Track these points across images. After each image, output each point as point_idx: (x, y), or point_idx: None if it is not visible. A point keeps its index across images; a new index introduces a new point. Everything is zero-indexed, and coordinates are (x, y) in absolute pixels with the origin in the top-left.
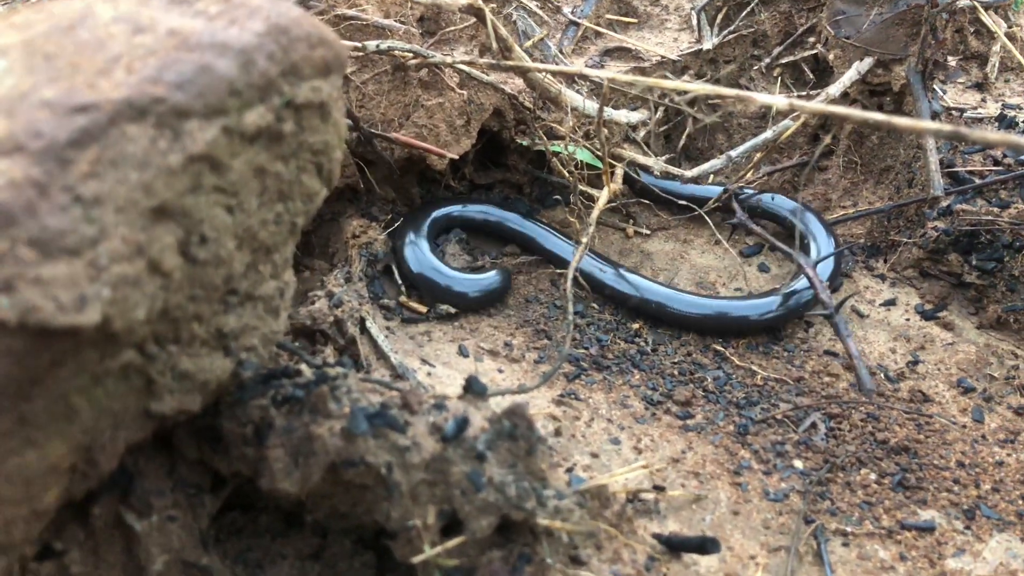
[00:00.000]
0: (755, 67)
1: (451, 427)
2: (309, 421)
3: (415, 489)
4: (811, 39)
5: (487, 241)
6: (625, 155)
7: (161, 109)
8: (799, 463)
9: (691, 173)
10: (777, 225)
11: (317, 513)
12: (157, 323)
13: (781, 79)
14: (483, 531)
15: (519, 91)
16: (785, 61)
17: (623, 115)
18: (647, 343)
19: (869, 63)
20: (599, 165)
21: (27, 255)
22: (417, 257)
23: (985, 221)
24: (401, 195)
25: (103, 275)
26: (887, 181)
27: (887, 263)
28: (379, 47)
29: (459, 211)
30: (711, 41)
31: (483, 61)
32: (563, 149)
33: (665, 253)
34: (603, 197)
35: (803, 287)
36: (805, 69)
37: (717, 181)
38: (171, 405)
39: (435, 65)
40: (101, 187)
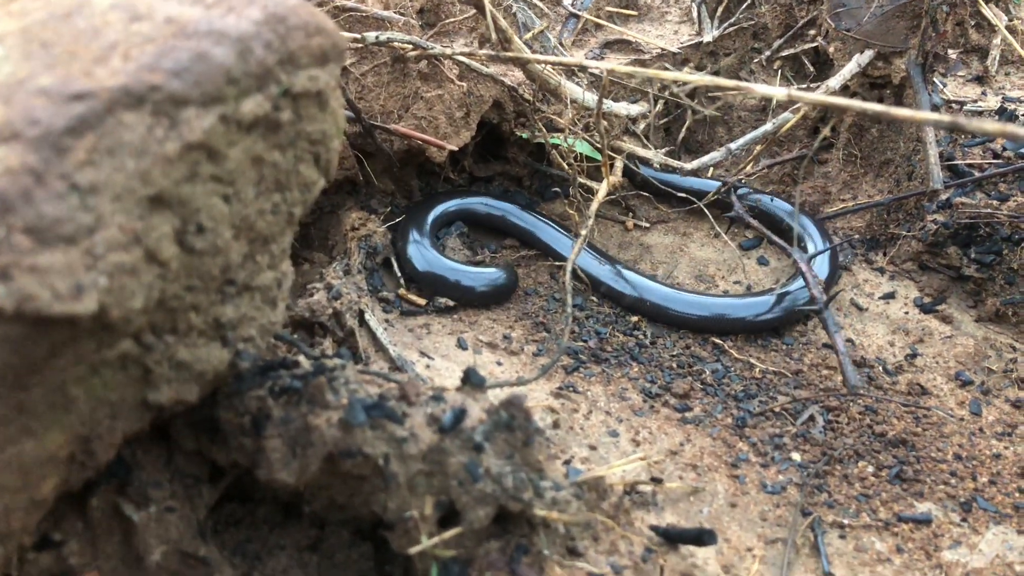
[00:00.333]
0: (755, 60)
1: (448, 418)
2: (307, 412)
3: (412, 480)
4: (811, 32)
5: (487, 235)
6: (625, 148)
7: (158, 97)
8: (797, 456)
9: (691, 166)
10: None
11: (315, 504)
12: (154, 313)
13: (781, 72)
14: (480, 522)
15: (519, 83)
16: (785, 54)
17: (623, 107)
18: (646, 336)
19: (869, 56)
20: (599, 158)
21: (23, 243)
22: (422, 254)
23: (984, 214)
24: (400, 187)
25: (100, 264)
26: (887, 174)
27: (886, 256)
28: (378, 38)
29: (460, 205)
30: (711, 33)
31: (483, 53)
32: (562, 141)
33: (664, 246)
34: (602, 190)
35: (801, 286)
36: (805, 62)
37: (717, 174)
38: (168, 395)
39: (434, 57)
40: (98, 175)
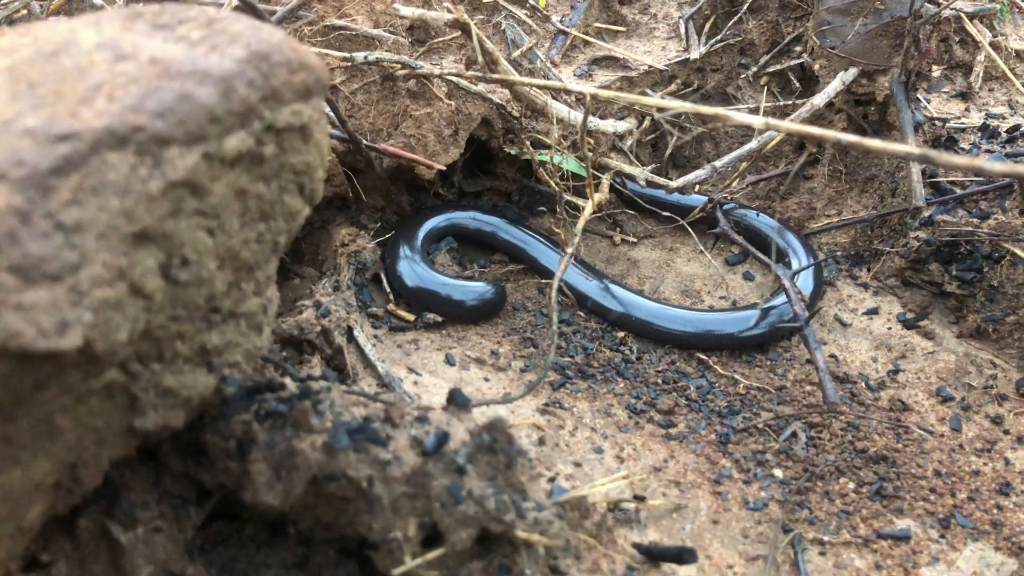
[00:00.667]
0: (742, 76)
1: (431, 441)
2: (291, 436)
3: (396, 502)
4: (797, 48)
5: (477, 250)
6: (612, 164)
7: (142, 137)
8: (779, 472)
9: (676, 183)
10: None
11: (301, 524)
12: (140, 343)
13: (768, 88)
14: (463, 543)
15: (507, 100)
16: (772, 70)
17: (609, 125)
18: (632, 351)
19: (854, 73)
20: (584, 174)
21: (9, 282)
22: (412, 269)
23: (965, 232)
24: (390, 203)
25: (85, 300)
26: (871, 190)
27: (870, 272)
28: (367, 58)
29: (449, 220)
30: (698, 51)
31: (470, 74)
32: (550, 159)
33: (651, 261)
34: (588, 208)
35: (785, 302)
36: (792, 78)
37: (704, 190)
38: (155, 421)
39: (423, 76)
40: (82, 214)
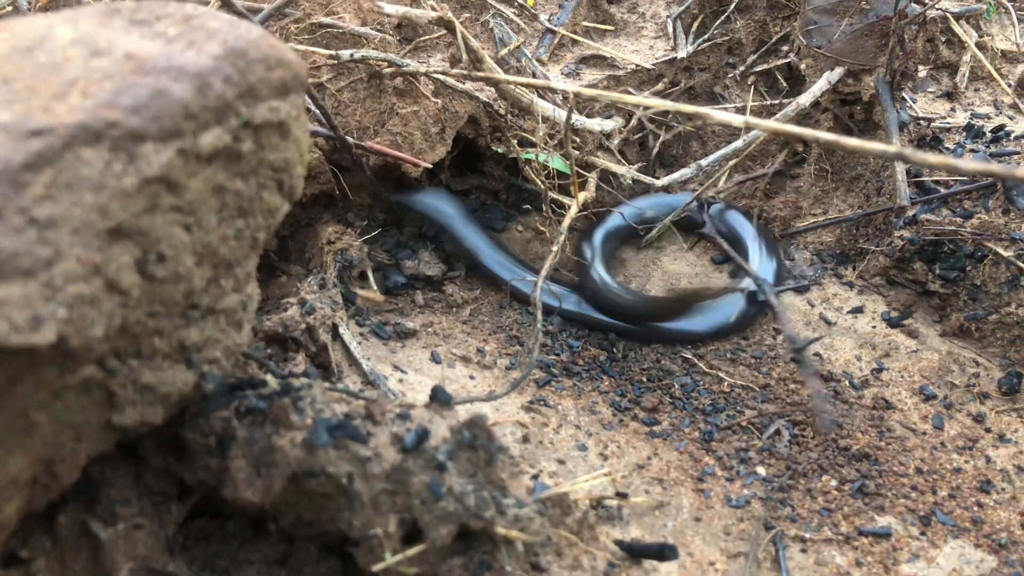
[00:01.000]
0: (729, 75)
1: (411, 438)
2: (271, 432)
3: (376, 499)
4: (784, 48)
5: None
6: (598, 163)
7: (116, 133)
8: (762, 470)
9: (661, 182)
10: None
11: (282, 520)
12: (117, 339)
13: (755, 87)
14: (443, 539)
15: (494, 99)
16: (759, 69)
17: (596, 123)
18: (618, 349)
19: (839, 73)
20: (577, 171)
21: None
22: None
23: (948, 231)
24: (377, 201)
25: (58, 295)
26: (857, 189)
27: (855, 271)
28: (353, 56)
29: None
30: (685, 50)
31: (455, 72)
32: (535, 157)
33: (638, 260)
34: (573, 207)
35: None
36: (779, 77)
37: (691, 189)
38: (133, 417)
39: (410, 74)
40: (56, 209)
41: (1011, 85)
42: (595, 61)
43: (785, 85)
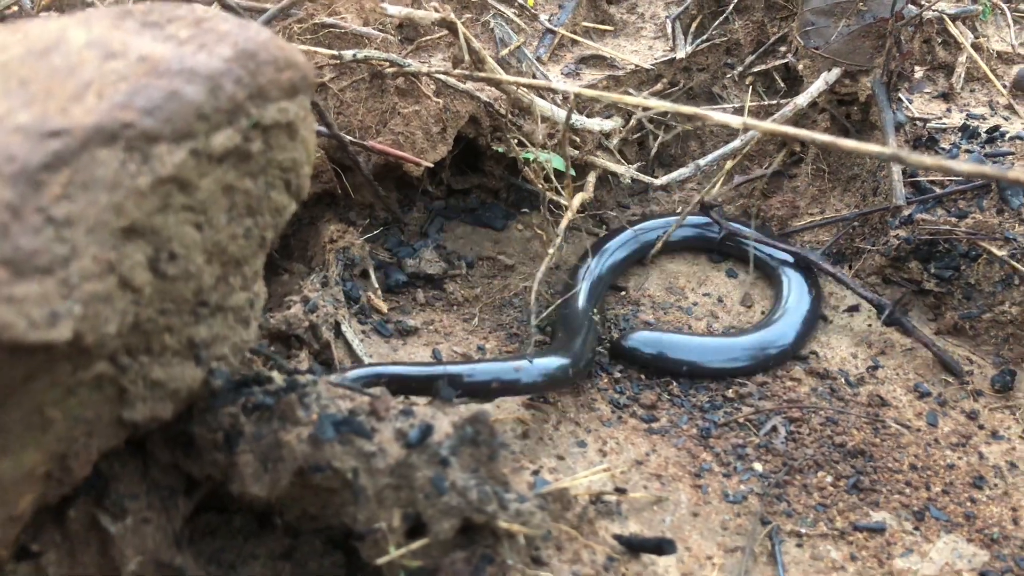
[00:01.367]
0: (728, 75)
1: (415, 434)
2: (278, 428)
3: (381, 493)
4: (782, 48)
5: (466, 246)
6: (598, 163)
7: (131, 134)
8: (759, 466)
9: (660, 181)
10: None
11: (288, 515)
12: (129, 335)
13: (753, 87)
14: (446, 533)
15: (495, 99)
16: (757, 69)
17: (596, 123)
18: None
19: (837, 74)
20: (572, 172)
21: (1, 275)
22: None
23: (943, 231)
24: (379, 200)
25: (74, 293)
26: (854, 189)
27: (852, 269)
28: (355, 56)
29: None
30: (684, 50)
31: (457, 72)
32: (535, 156)
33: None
34: (571, 207)
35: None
36: (776, 78)
37: (689, 189)
38: (143, 413)
39: (411, 74)
40: (72, 208)
41: (1006, 86)
42: (595, 61)
43: (783, 85)
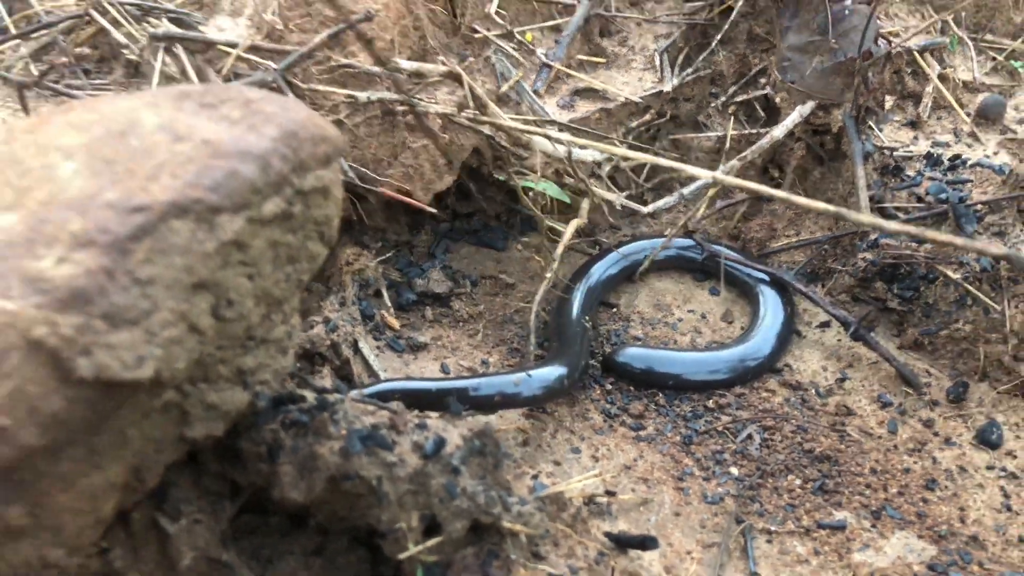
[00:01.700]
0: (712, 104)
1: (430, 446)
2: (313, 442)
3: (401, 498)
4: (763, 80)
5: (470, 266)
6: (591, 191)
7: (199, 208)
8: (735, 470)
9: (647, 209)
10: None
11: (319, 516)
12: (192, 369)
13: (735, 116)
14: (458, 532)
15: (496, 131)
16: (739, 99)
17: (589, 154)
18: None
19: (811, 106)
20: (566, 200)
21: (99, 326)
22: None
23: (905, 255)
24: (391, 224)
25: (155, 339)
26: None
27: (824, 288)
28: (369, 98)
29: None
30: (671, 83)
31: (463, 115)
32: (534, 185)
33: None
34: (567, 235)
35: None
36: (757, 107)
37: (675, 213)
38: (201, 431)
39: (420, 113)
40: (153, 271)
41: (970, 115)
42: (588, 93)
43: (763, 114)
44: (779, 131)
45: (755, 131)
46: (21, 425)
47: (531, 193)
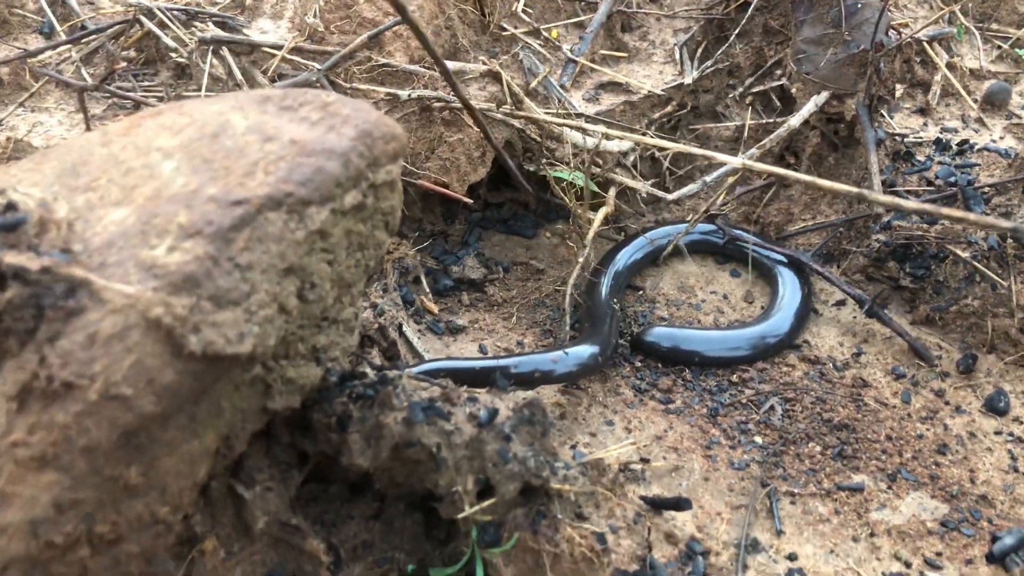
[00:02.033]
0: (730, 95)
1: (484, 415)
2: (379, 413)
3: (458, 463)
4: (778, 71)
5: (501, 252)
6: (617, 179)
7: (291, 201)
8: (759, 439)
9: (671, 196)
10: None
11: (380, 483)
12: (277, 346)
13: (752, 106)
14: (510, 494)
15: (526, 125)
16: (756, 90)
17: (615, 145)
18: None
19: (825, 96)
20: (595, 189)
21: (207, 307)
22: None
23: (916, 235)
24: (428, 214)
25: (253, 318)
26: (841, 198)
27: (839, 268)
28: (410, 96)
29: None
30: (691, 75)
31: (501, 111)
32: (565, 176)
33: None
34: (596, 222)
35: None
36: (773, 97)
37: (697, 199)
38: (281, 404)
39: (456, 108)
40: (252, 257)
41: (977, 101)
42: (612, 87)
43: (779, 104)
44: (795, 120)
45: (772, 120)
46: (141, 395)
47: (564, 184)
